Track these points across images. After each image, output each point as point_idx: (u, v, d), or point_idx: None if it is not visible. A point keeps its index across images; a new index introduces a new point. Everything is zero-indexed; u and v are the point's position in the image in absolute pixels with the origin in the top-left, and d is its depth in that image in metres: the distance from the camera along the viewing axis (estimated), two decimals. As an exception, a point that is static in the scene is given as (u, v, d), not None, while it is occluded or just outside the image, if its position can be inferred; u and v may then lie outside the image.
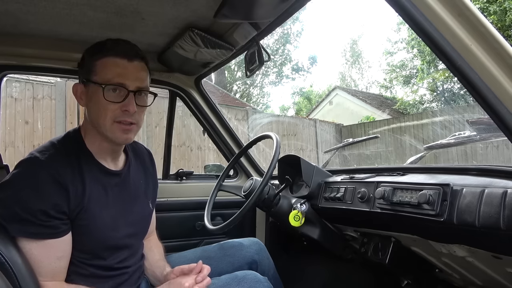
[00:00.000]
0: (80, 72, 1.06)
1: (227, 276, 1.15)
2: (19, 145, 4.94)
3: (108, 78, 0.98)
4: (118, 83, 0.99)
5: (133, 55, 1.02)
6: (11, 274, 0.79)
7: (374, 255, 1.34)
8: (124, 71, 1.00)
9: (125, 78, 0.99)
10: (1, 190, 0.92)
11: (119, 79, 0.99)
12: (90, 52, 1.04)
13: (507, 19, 9.99)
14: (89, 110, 1.04)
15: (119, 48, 1.01)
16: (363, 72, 25.83)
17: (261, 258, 1.35)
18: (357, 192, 1.28)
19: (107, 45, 1.02)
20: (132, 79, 1.00)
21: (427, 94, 15.69)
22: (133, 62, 1.02)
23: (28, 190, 0.90)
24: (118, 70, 0.99)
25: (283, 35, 19.16)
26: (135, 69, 1.02)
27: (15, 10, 1.16)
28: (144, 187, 1.20)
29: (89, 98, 1.02)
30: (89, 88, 1.02)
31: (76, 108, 5.40)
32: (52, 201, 0.91)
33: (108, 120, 1.00)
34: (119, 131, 1.01)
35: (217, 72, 14.61)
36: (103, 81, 0.98)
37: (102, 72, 0.99)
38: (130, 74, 1.01)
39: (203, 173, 2.25)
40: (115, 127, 1.01)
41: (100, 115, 1.00)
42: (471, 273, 1.16)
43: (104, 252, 1.03)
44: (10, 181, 0.93)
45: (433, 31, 0.72)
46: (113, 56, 1.00)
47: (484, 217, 0.82)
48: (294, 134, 9.32)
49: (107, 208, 1.03)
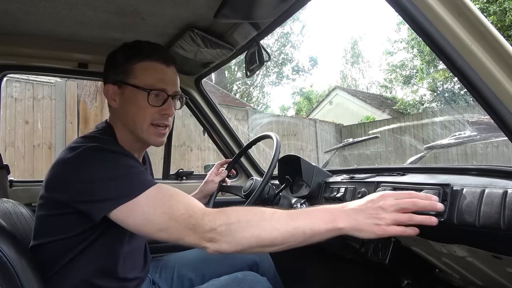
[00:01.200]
0: (112, 73, 1.06)
1: (226, 277, 1.14)
2: (19, 145, 4.94)
3: (150, 83, 1.01)
4: (161, 88, 1.02)
5: (170, 60, 1.06)
6: (13, 274, 0.79)
7: (374, 255, 1.34)
8: (164, 76, 1.03)
9: (165, 84, 1.03)
10: (79, 172, 0.89)
11: (160, 84, 1.02)
12: (126, 54, 1.05)
13: (507, 19, 9.99)
14: (125, 112, 1.05)
15: (157, 52, 1.04)
16: (363, 72, 25.83)
17: (261, 259, 1.35)
18: (357, 192, 1.28)
19: (144, 48, 1.05)
20: (170, 84, 1.04)
21: (427, 94, 15.71)
22: (170, 67, 1.05)
23: (105, 158, 0.91)
24: (159, 75, 1.03)
25: (283, 35, 19.17)
26: (173, 74, 1.06)
27: (15, 10, 1.16)
28: None
29: (125, 100, 1.04)
30: (126, 90, 1.03)
31: (76, 108, 5.40)
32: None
33: (146, 123, 1.03)
34: (155, 134, 1.05)
35: (217, 72, 14.60)
36: (146, 86, 1.01)
37: (143, 76, 1.01)
38: (169, 79, 1.04)
39: (203, 173, 2.25)
40: (151, 130, 1.04)
41: (138, 118, 1.02)
42: (471, 273, 1.16)
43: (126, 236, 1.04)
44: (83, 163, 0.90)
45: (433, 31, 0.72)
46: (153, 61, 1.02)
47: (484, 217, 0.82)
48: (294, 134, 9.32)
49: None
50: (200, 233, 0.81)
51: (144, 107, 1.01)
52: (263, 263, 1.35)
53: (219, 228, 0.80)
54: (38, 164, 5.06)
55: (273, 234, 0.79)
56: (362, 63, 25.47)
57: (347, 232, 0.79)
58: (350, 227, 0.79)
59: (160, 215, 0.83)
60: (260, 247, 0.81)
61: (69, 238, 0.95)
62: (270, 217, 0.82)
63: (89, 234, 0.95)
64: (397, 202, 0.79)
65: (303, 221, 0.80)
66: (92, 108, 5.51)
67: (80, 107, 5.43)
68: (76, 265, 0.97)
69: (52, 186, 0.95)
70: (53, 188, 0.95)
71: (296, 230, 0.79)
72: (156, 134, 1.05)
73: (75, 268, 0.97)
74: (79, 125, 5.40)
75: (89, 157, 0.91)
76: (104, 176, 0.88)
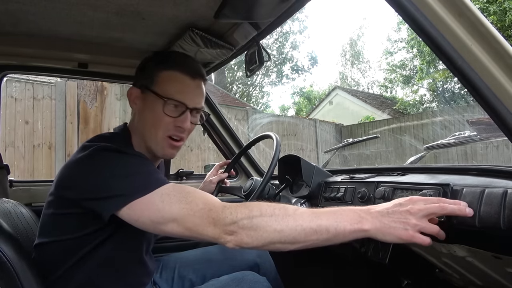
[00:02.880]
0: (139, 77, 1.06)
1: (226, 277, 1.14)
2: (19, 145, 4.94)
3: (170, 93, 0.99)
4: (179, 100, 1.00)
5: (197, 74, 1.04)
6: (13, 274, 0.79)
7: (374, 255, 1.34)
8: (187, 89, 1.02)
9: (185, 96, 1.01)
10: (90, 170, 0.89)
11: (180, 96, 1.00)
12: (155, 60, 1.05)
13: (507, 19, 9.99)
14: (142, 117, 1.04)
15: (185, 64, 1.04)
16: (363, 72, 25.82)
17: (262, 260, 1.35)
18: (357, 192, 1.28)
19: (173, 57, 1.05)
20: (191, 98, 1.03)
21: (427, 94, 15.71)
22: (195, 81, 1.04)
23: (117, 157, 0.90)
24: (181, 87, 1.01)
25: (282, 34, 19.16)
26: (196, 89, 1.05)
27: (15, 10, 1.16)
28: None
29: (145, 106, 1.03)
30: (147, 96, 1.02)
31: (76, 108, 5.41)
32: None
33: (160, 133, 1.01)
34: (168, 146, 1.04)
35: (217, 72, 14.59)
36: (165, 95, 0.99)
37: (165, 85, 1.01)
38: (191, 93, 1.03)
39: (203, 173, 2.25)
40: (165, 141, 1.03)
41: (153, 125, 1.01)
42: (471, 273, 1.16)
43: (144, 242, 1.08)
44: (94, 161, 0.90)
45: (433, 31, 0.72)
46: (178, 71, 1.02)
47: (484, 217, 0.82)
48: (294, 134, 9.31)
49: None
50: (221, 226, 0.78)
51: (160, 116, 1.00)
52: (263, 263, 1.35)
53: (240, 221, 0.77)
54: (38, 164, 5.06)
55: (296, 230, 0.76)
56: (362, 63, 25.46)
57: (371, 235, 0.76)
58: (376, 229, 0.76)
59: (178, 211, 0.81)
60: (282, 243, 0.78)
61: (75, 239, 0.94)
62: (293, 212, 0.79)
63: (97, 236, 0.94)
64: (426, 208, 0.76)
65: (327, 219, 0.77)
66: (92, 108, 5.52)
67: (80, 107, 5.44)
68: (81, 269, 0.96)
69: (62, 184, 0.95)
70: (64, 186, 0.94)
71: (319, 228, 0.77)
72: (168, 146, 1.03)
73: (79, 271, 0.96)
74: (79, 125, 5.40)
75: (101, 156, 0.91)
76: (115, 173, 0.87)
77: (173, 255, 1.37)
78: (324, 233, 0.77)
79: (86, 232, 0.93)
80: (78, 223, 0.93)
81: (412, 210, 0.76)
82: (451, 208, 0.77)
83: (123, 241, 0.99)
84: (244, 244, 0.78)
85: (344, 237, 0.77)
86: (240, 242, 0.78)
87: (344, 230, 0.76)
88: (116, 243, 0.97)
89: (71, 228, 0.94)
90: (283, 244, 0.78)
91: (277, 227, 0.77)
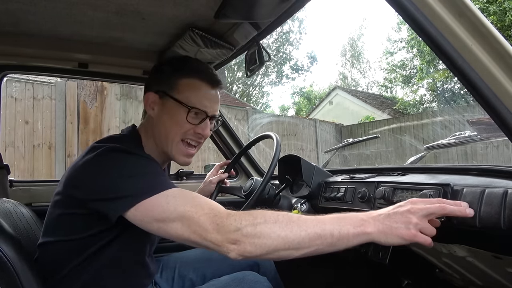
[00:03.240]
0: (155, 82, 1.07)
1: (227, 277, 1.14)
2: (19, 145, 4.94)
3: (193, 102, 1.02)
4: (202, 110, 1.04)
5: (217, 83, 1.08)
6: (14, 275, 0.79)
7: (374, 255, 1.34)
8: (209, 97, 1.05)
9: (207, 106, 1.05)
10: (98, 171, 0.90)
11: (203, 105, 1.04)
12: (174, 66, 1.06)
13: (506, 19, 10.00)
14: (159, 122, 1.05)
15: (205, 72, 1.06)
16: (363, 72, 25.80)
17: (262, 260, 1.35)
18: (357, 192, 1.28)
19: (192, 64, 1.08)
20: (212, 106, 1.06)
21: (427, 94, 15.71)
22: (214, 90, 1.08)
23: (126, 158, 0.91)
24: (204, 96, 1.04)
25: (283, 34, 19.17)
26: (216, 98, 1.08)
27: (15, 9, 1.16)
28: None
29: (165, 111, 1.04)
30: (167, 102, 1.04)
31: (76, 108, 5.41)
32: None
33: (178, 137, 1.04)
34: (183, 154, 1.06)
35: (217, 72, 14.59)
36: (188, 103, 1.02)
37: (187, 93, 1.03)
38: (211, 101, 1.06)
39: (203, 173, 2.25)
40: (180, 147, 1.05)
41: (171, 130, 1.03)
42: (471, 273, 1.16)
43: (148, 243, 1.09)
44: (102, 162, 0.90)
45: (433, 31, 0.72)
46: (199, 80, 1.04)
47: (484, 217, 0.82)
48: (294, 134, 9.32)
49: None
50: (225, 233, 0.77)
51: (182, 123, 1.02)
52: (263, 263, 1.35)
53: (244, 228, 0.77)
54: (38, 164, 5.06)
55: (300, 235, 0.76)
56: (362, 63, 25.45)
57: (374, 238, 0.76)
58: (378, 231, 0.76)
59: (184, 212, 0.81)
60: (286, 250, 0.77)
61: (81, 239, 0.94)
62: (297, 219, 0.80)
63: (102, 237, 0.94)
64: (427, 207, 0.77)
65: (330, 224, 0.78)
66: (92, 108, 5.52)
67: (80, 107, 5.44)
68: (86, 269, 0.96)
69: (71, 183, 0.95)
70: (72, 185, 0.94)
71: (324, 232, 0.77)
72: (184, 154, 1.06)
73: (84, 271, 0.96)
74: (79, 125, 5.40)
75: (109, 157, 0.91)
76: (123, 174, 0.87)
77: (173, 255, 1.37)
78: (328, 237, 0.77)
79: (91, 233, 0.93)
80: (84, 223, 0.93)
81: (413, 210, 0.77)
82: (451, 208, 0.78)
83: (129, 242, 0.99)
84: (247, 253, 0.77)
85: (348, 241, 0.77)
86: (243, 251, 0.77)
87: (347, 233, 0.77)
88: (122, 244, 0.97)
89: (77, 228, 0.94)
90: (287, 250, 0.77)
91: (281, 233, 0.76)
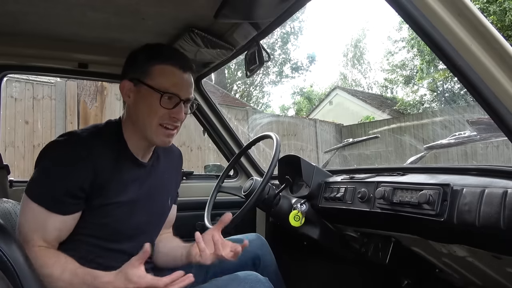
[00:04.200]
0: (130, 70, 1.10)
1: (227, 276, 1.14)
2: (19, 145, 4.94)
3: (165, 87, 1.05)
4: (174, 93, 1.06)
5: (188, 67, 1.10)
6: (13, 273, 0.79)
7: (374, 255, 1.34)
8: (180, 81, 1.08)
9: (179, 89, 1.07)
10: (40, 157, 1.04)
11: (175, 89, 1.06)
12: (146, 54, 1.09)
13: (506, 19, 9.99)
14: (136, 109, 1.09)
15: (177, 58, 1.09)
16: (364, 72, 25.77)
17: (263, 253, 1.35)
18: (357, 192, 1.28)
19: (164, 51, 1.10)
20: (184, 90, 1.09)
21: (427, 94, 15.71)
22: (186, 73, 1.10)
23: (65, 164, 1.00)
24: (175, 80, 1.07)
25: (283, 34, 19.16)
26: (188, 81, 1.11)
27: (15, 10, 1.16)
28: (166, 183, 1.26)
29: (139, 98, 1.08)
30: (141, 89, 1.07)
31: (76, 108, 5.40)
32: (80, 180, 1.00)
33: (155, 122, 1.06)
34: (163, 135, 1.09)
35: (217, 72, 14.60)
36: (161, 88, 1.05)
37: (160, 79, 1.06)
38: (184, 85, 1.09)
39: (203, 173, 2.25)
40: (159, 130, 1.08)
41: (147, 116, 1.06)
42: (471, 273, 1.16)
43: (121, 237, 1.10)
44: (52, 148, 1.04)
45: (433, 31, 0.72)
46: (171, 65, 1.07)
47: (484, 217, 0.82)
48: (294, 134, 9.31)
49: (129, 192, 1.10)
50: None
51: (156, 108, 1.05)
52: (265, 257, 1.35)
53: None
54: (38, 164, 5.05)
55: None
56: (364, 64, 25.41)
57: None
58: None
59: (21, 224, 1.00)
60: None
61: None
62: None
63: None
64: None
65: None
66: (92, 108, 5.52)
67: (80, 107, 5.44)
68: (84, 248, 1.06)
69: None
70: None
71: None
72: (163, 135, 1.09)
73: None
74: (79, 125, 5.40)
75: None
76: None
77: (173, 255, 1.37)
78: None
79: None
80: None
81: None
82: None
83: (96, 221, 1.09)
84: None
85: None
86: None
87: None
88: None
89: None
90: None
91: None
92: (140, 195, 1.13)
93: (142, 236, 1.14)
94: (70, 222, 1.02)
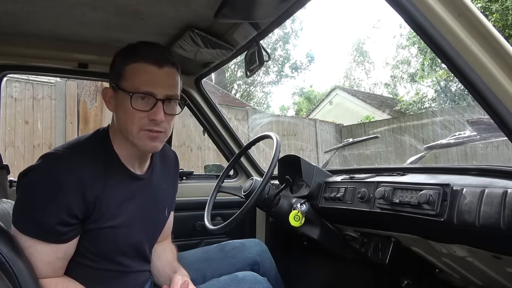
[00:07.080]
0: (110, 76, 1.02)
1: (226, 277, 1.14)
2: (19, 145, 4.94)
3: (136, 86, 0.94)
4: (146, 92, 0.94)
5: (164, 61, 0.97)
6: (12, 275, 0.79)
7: (374, 255, 1.34)
8: (153, 78, 0.95)
9: (153, 86, 0.95)
10: (20, 185, 0.92)
11: (147, 87, 0.94)
12: (121, 55, 1.00)
13: (509, 18, 9.97)
14: (117, 117, 1.00)
15: (149, 53, 0.97)
16: (368, 72, 25.72)
17: (262, 259, 1.35)
18: (357, 192, 1.28)
19: (137, 49, 0.99)
20: (161, 87, 0.96)
21: (428, 94, 15.70)
22: (163, 69, 0.97)
23: (47, 192, 0.89)
24: (147, 77, 0.95)
25: (283, 35, 19.16)
26: (165, 76, 0.97)
27: (15, 10, 1.16)
28: (163, 193, 1.18)
29: (117, 104, 0.99)
30: (118, 94, 0.98)
31: (76, 108, 5.40)
32: (68, 207, 0.89)
33: (135, 128, 0.96)
34: (147, 138, 0.97)
35: (217, 72, 14.60)
36: (131, 89, 0.94)
37: (131, 79, 0.95)
38: (159, 81, 0.96)
39: (203, 173, 2.25)
40: (142, 134, 0.97)
41: (127, 123, 0.96)
42: (471, 273, 1.16)
43: (115, 255, 1.03)
44: (30, 177, 0.92)
45: (433, 32, 0.72)
46: (143, 62, 0.95)
47: (484, 217, 0.82)
48: (294, 134, 9.32)
49: (123, 213, 1.01)
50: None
51: (131, 112, 0.94)
52: (264, 263, 1.35)
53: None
54: (38, 164, 5.05)
55: None
56: (367, 64, 25.37)
57: None
58: None
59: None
60: None
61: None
62: None
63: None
64: None
65: None
66: (92, 108, 5.51)
67: (80, 107, 5.43)
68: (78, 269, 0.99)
69: None
70: None
71: None
72: (147, 138, 0.97)
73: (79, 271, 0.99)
74: (79, 125, 5.40)
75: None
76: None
77: (173, 255, 1.36)
78: None
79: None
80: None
81: None
82: None
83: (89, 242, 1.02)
84: None
85: None
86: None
87: None
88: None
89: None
90: None
91: None
92: (136, 215, 1.05)
93: (136, 254, 1.10)
94: (71, 248, 0.95)
